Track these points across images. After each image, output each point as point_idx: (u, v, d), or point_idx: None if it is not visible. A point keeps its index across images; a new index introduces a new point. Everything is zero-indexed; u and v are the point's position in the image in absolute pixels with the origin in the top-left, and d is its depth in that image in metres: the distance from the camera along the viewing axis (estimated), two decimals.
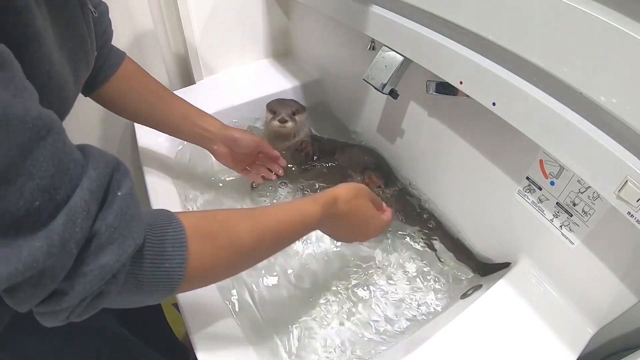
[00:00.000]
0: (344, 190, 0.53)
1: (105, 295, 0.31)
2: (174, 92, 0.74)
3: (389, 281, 0.66)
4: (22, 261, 0.25)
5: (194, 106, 0.68)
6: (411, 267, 0.68)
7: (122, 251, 0.30)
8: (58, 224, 0.27)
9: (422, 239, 0.71)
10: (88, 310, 0.32)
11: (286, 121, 0.77)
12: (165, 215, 0.37)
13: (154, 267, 0.34)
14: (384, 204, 0.61)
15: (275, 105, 0.80)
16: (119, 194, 0.31)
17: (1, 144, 0.24)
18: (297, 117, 0.79)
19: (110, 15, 0.61)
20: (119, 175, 0.32)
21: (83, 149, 0.32)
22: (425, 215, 0.74)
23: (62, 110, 0.39)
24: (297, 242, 0.50)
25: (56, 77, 0.35)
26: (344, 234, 0.56)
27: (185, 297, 0.53)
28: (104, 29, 0.59)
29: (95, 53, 0.47)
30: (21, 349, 0.55)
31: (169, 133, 0.69)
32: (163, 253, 0.34)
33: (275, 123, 0.78)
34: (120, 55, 0.63)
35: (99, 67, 0.59)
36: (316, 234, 0.61)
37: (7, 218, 0.25)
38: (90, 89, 0.61)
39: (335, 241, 0.69)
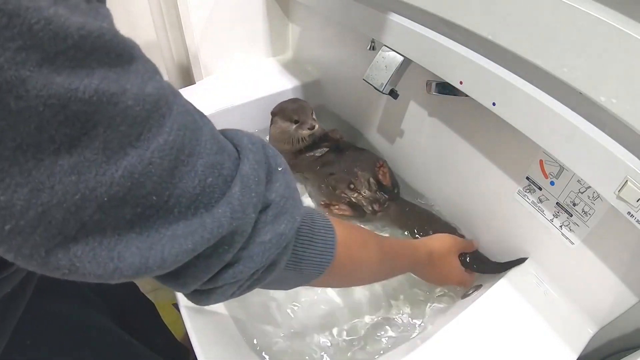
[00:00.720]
0: (438, 244, 0.58)
1: (276, 265, 0.32)
2: (178, 90, 0.74)
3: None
4: (208, 229, 0.26)
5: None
6: None
7: (294, 219, 0.32)
8: (235, 190, 0.27)
9: None
10: (255, 284, 0.33)
11: (314, 126, 0.77)
12: (307, 207, 0.38)
13: (311, 245, 0.36)
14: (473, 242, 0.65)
15: (291, 112, 0.79)
16: (280, 169, 0.32)
17: (171, 126, 0.24)
18: (314, 115, 0.79)
19: None
20: (270, 150, 0.33)
21: (226, 131, 0.33)
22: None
23: None
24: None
25: None
26: (429, 279, 0.61)
27: (185, 298, 0.53)
28: None
29: None
30: (19, 350, 0.55)
31: None
32: (318, 233, 0.36)
33: (305, 132, 0.77)
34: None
35: None
36: None
37: (185, 199, 0.25)
38: None
39: None
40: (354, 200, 0.74)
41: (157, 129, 0.23)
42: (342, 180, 0.75)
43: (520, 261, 0.59)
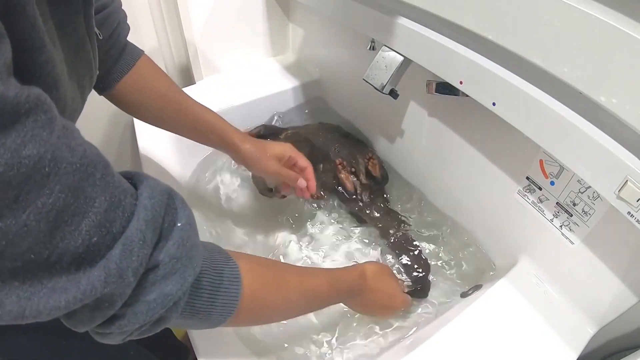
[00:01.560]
0: (371, 267, 0.57)
1: (165, 321, 0.32)
2: None
3: None
4: (81, 290, 0.26)
5: (211, 112, 0.63)
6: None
7: (184, 280, 0.31)
8: (115, 253, 0.27)
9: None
10: (146, 332, 0.33)
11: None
12: (220, 250, 0.39)
13: (210, 298, 0.35)
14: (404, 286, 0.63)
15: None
16: (179, 224, 0.32)
17: (53, 188, 0.24)
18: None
19: None
20: (175, 204, 0.33)
21: (137, 177, 0.32)
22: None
23: None
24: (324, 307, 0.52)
25: (67, 110, 0.34)
26: (369, 309, 0.59)
27: None
28: (116, 24, 0.56)
29: (97, 72, 0.46)
30: (16, 349, 0.55)
31: (186, 137, 0.65)
32: (220, 285, 0.36)
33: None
34: (136, 53, 0.60)
35: (112, 66, 0.57)
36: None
37: (67, 256, 0.26)
38: (103, 88, 0.59)
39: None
40: (348, 184, 0.74)
41: (37, 191, 0.23)
42: (347, 163, 0.76)
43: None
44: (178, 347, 0.95)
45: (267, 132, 0.86)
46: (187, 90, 0.92)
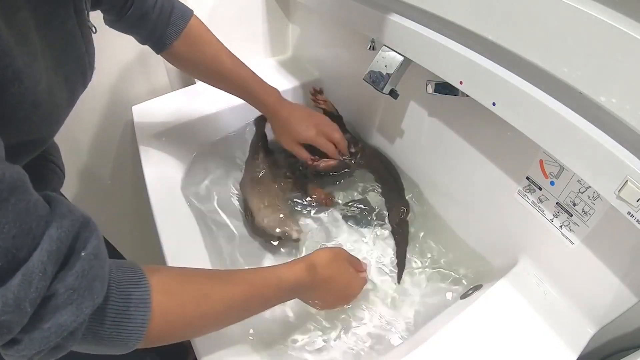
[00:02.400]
0: (322, 255, 0.53)
1: (62, 348, 0.32)
2: (178, 90, 0.74)
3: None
4: None
5: (255, 76, 0.73)
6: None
7: (80, 312, 0.31)
8: (14, 283, 0.27)
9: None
10: (47, 357, 0.33)
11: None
12: (134, 272, 0.37)
13: (114, 325, 0.35)
14: (362, 262, 0.60)
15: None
16: (83, 254, 0.32)
17: None
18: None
19: None
20: (86, 233, 0.33)
21: (52, 202, 0.32)
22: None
23: (51, 132, 0.39)
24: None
25: (44, 105, 0.34)
26: (326, 301, 0.56)
27: None
28: None
29: (94, 68, 0.47)
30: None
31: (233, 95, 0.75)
32: (125, 312, 0.35)
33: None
34: (186, 16, 0.66)
35: (163, 30, 0.64)
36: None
37: None
38: (159, 49, 0.66)
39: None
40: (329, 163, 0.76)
41: None
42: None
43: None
44: (178, 347, 0.95)
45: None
46: (187, 90, 0.93)
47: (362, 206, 0.77)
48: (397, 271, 0.67)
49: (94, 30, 0.46)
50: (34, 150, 0.39)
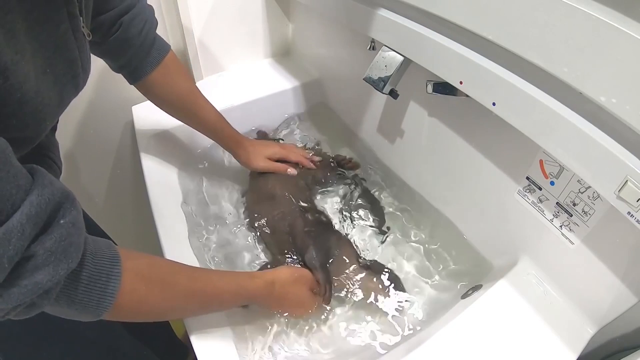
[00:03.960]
0: (283, 274, 0.58)
1: (37, 306, 0.35)
2: None
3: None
4: None
5: (221, 117, 0.73)
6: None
7: (56, 272, 0.34)
8: None
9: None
10: (22, 314, 0.35)
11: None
12: (109, 250, 0.41)
13: (86, 291, 0.38)
14: (324, 290, 0.61)
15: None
16: (62, 222, 0.34)
17: None
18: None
19: None
20: (67, 204, 0.36)
21: (36, 174, 0.34)
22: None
23: (39, 130, 0.40)
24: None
25: (31, 102, 0.36)
26: (279, 311, 0.60)
27: None
28: (143, 23, 0.60)
29: (89, 74, 0.48)
30: (10, 345, 0.56)
31: (198, 131, 0.75)
32: (98, 281, 0.38)
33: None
34: (163, 50, 0.65)
35: (142, 60, 0.63)
36: None
37: None
38: (134, 79, 0.65)
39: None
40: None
41: None
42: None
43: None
44: (178, 347, 0.95)
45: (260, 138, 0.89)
46: None
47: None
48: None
49: (89, 37, 0.46)
50: (23, 148, 0.41)
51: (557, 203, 0.52)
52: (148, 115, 0.85)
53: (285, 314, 0.60)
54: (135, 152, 0.80)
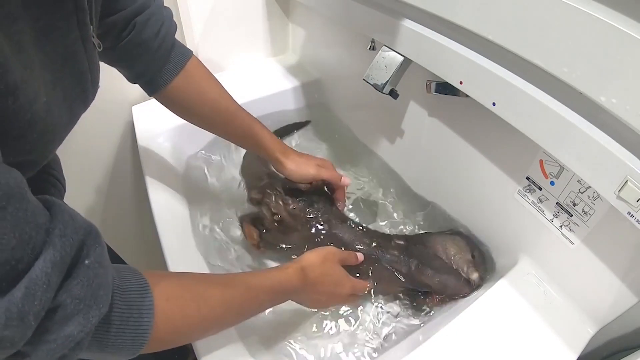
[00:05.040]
0: (310, 258, 0.54)
1: (69, 358, 0.32)
2: None
3: None
4: None
5: (257, 121, 0.65)
6: None
7: (87, 321, 0.30)
8: (17, 296, 0.26)
9: None
10: None
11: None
12: (136, 279, 0.37)
13: (119, 332, 0.34)
14: (357, 254, 0.60)
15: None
16: (86, 262, 0.31)
17: None
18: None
19: None
20: (90, 241, 0.32)
21: (52, 208, 0.30)
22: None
23: (46, 152, 0.37)
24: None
25: (41, 122, 0.33)
26: (318, 302, 0.57)
27: None
28: (160, 24, 0.54)
29: (98, 88, 0.45)
30: None
31: (233, 143, 0.69)
32: (130, 319, 0.35)
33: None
34: (185, 54, 0.59)
35: (161, 67, 0.56)
36: None
37: None
38: (153, 90, 0.58)
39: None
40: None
41: None
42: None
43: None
44: (178, 347, 0.95)
45: None
46: None
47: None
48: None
49: (99, 47, 0.43)
50: (29, 172, 0.37)
51: (557, 203, 0.52)
52: (148, 115, 0.85)
53: (329, 306, 0.57)
54: (135, 152, 0.80)
